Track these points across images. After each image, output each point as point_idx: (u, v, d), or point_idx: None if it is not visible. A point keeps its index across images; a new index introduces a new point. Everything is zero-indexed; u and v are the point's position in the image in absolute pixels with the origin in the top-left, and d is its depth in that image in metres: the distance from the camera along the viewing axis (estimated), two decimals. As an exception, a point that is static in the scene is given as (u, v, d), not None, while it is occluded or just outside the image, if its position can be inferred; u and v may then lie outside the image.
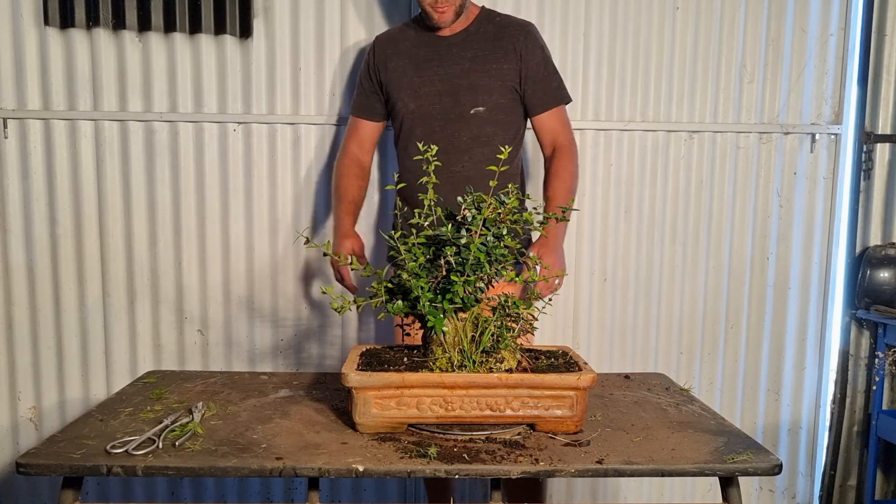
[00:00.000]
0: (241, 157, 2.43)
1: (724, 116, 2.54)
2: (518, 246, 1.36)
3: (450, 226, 1.30)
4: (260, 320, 2.50)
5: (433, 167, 1.34)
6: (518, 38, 1.94)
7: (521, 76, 1.95)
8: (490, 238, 1.28)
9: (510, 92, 1.95)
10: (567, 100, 2.02)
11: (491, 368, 1.26)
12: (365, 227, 2.47)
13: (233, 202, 2.45)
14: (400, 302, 1.28)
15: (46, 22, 2.31)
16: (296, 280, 2.49)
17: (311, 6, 2.39)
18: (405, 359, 1.33)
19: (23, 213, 2.42)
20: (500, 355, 1.28)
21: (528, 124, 2.07)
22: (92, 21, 2.32)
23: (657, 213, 2.55)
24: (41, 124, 2.38)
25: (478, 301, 1.29)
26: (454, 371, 1.25)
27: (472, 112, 1.93)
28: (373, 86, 2.06)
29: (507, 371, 1.26)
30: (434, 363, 1.27)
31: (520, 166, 2.07)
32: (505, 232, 1.31)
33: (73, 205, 2.42)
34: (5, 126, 2.37)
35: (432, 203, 1.33)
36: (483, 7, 2.05)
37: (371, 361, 1.32)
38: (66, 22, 2.31)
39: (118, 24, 2.32)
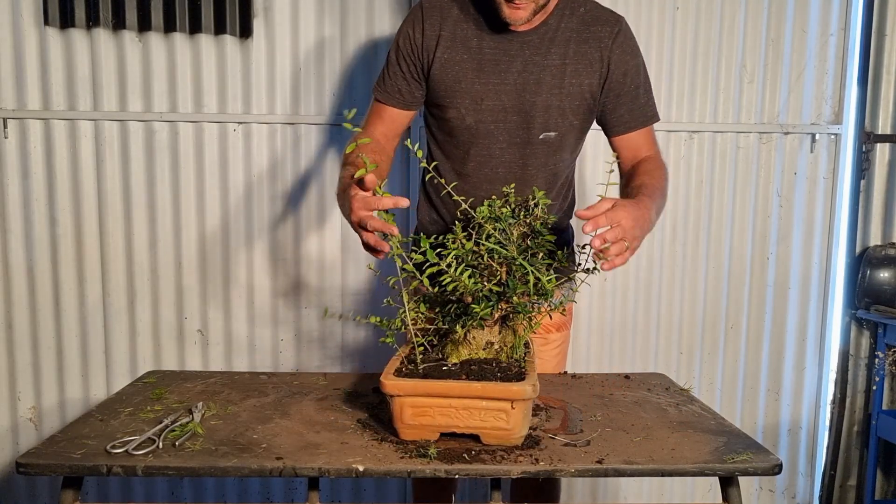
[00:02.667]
0: (241, 157, 2.43)
1: (724, 116, 2.54)
2: (547, 260, 1.30)
3: (491, 240, 1.27)
4: (260, 320, 2.50)
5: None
6: (606, 41, 1.56)
7: (604, 89, 1.57)
8: (530, 256, 1.26)
9: (586, 112, 1.60)
10: (656, 118, 1.65)
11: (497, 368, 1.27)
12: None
13: (233, 202, 2.45)
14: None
15: (46, 22, 2.31)
16: (296, 280, 2.49)
17: (311, 6, 2.39)
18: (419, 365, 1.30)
19: (23, 213, 2.42)
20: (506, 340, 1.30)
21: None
22: (92, 21, 2.32)
23: (657, 213, 2.55)
24: (41, 124, 2.38)
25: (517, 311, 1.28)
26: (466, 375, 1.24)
27: (541, 137, 1.58)
28: (415, 70, 1.60)
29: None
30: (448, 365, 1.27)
31: (572, 183, 1.77)
32: (536, 248, 1.29)
33: (73, 205, 2.42)
34: (5, 126, 2.37)
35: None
36: None
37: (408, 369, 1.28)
38: (66, 22, 2.31)
39: (118, 24, 2.32)
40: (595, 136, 1.73)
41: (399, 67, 1.60)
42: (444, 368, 1.26)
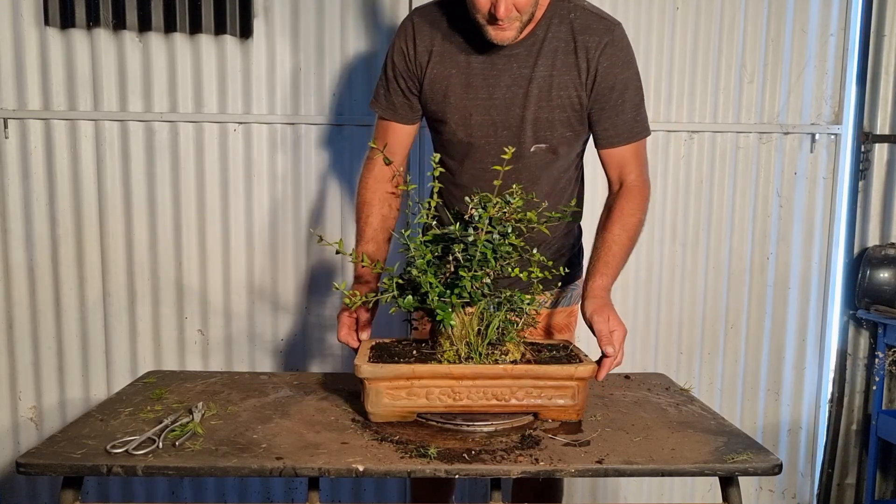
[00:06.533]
0: (241, 157, 2.43)
1: (724, 116, 2.54)
2: (521, 243, 1.35)
3: (457, 224, 1.33)
4: (260, 320, 2.50)
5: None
6: (594, 52, 1.51)
7: (591, 99, 1.54)
8: (496, 236, 1.31)
9: (577, 122, 1.57)
10: (644, 134, 1.63)
11: (496, 360, 1.29)
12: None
13: (233, 202, 2.45)
14: (410, 297, 1.31)
15: (47, 22, 2.31)
16: (296, 280, 2.49)
17: (311, 6, 2.39)
18: (414, 351, 1.37)
19: (23, 213, 2.42)
20: (504, 348, 1.33)
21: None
22: (92, 21, 2.32)
23: (657, 213, 2.55)
24: (41, 124, 2.38)
25: (484, 296, 1.32)
26: (461, 363, 1.29)
27: (532, 150, 1.56)
28: (413, 85, 1.60)
29: (511, 363, 1.29)
30: (442, 355, 1.31)
31: (579, 185, 1.75)
32: (510, 230, 1.33)
33: (73, 205, 2.42)
34: (5, 126, 2.37)
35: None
36: None
37: (382, 354, 1.36)
38: (67, 22, 2.31)
39: (118, 24, 2.32)
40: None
41: (397, 84, 1.60)
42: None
